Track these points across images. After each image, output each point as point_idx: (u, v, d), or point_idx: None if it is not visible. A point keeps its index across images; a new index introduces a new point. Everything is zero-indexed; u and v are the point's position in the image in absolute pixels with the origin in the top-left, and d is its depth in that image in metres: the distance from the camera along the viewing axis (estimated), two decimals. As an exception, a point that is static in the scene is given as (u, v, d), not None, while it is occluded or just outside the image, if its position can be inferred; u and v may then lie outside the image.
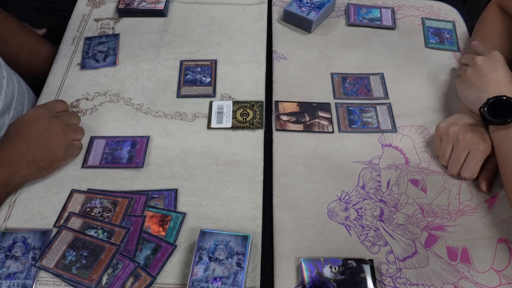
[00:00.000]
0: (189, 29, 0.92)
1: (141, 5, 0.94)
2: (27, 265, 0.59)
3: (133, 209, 0.65)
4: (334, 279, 0.58)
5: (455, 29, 0.92)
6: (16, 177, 0.64)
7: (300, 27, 0.92)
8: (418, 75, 0.84)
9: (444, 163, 0.70)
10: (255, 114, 0.77)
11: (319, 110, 0.78)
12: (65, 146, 0.68)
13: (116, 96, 0.80)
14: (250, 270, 0.60)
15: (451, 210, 0.66)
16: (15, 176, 0.64)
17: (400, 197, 0.68)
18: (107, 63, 0.85)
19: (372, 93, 0.81)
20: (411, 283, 0.59)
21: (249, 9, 0.96)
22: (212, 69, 0.84)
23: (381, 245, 0.63)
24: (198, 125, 0.76)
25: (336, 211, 0.66)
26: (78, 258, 0.60)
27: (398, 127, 0.76)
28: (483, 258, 0.61)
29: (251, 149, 0.73)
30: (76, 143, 0.71)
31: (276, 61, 0.86)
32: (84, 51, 0.87)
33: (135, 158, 0.71)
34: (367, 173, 0.70)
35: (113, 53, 0.86)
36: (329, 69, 0.85)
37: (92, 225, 0.63)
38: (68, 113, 0.73)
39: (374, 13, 0.95)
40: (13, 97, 0.75)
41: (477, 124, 0.68)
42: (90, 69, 0.84)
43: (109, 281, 0.58)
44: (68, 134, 0.69)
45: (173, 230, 0.63)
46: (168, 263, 0.61)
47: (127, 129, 0.75)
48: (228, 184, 0.69)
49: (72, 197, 0.67)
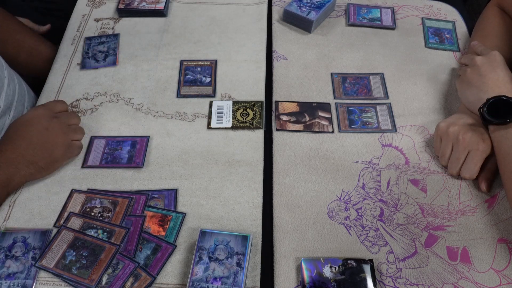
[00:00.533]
0: (189, 29, 0.92)
1: (141, 5, 0.94)
2: (27, 265, 0.59)
3: (133, 209, 0.65)
4: (334, 279, 0.58)
5: (455, 29, 0.92)
6: (16, 177, 0.64)
7: (300, 27, 0.92)
8: (418, 75, 0.84)
9: (444, 163, 0.70)
10: (255, 114, 0.77)
11: (319, 110, 0.78)
12: (65, 146, 0.68)
13: (116, 96, 0.80)
14: (250, 270, 0.60)
15: (451, 210, 0.66)
16: (15, 177, 0.64)
17: (400, 197, 0.68)
18: (107, 63, 0.85)
19: (372, 93, 0.81)
20: (411, 283, 0.59)
21: (249, 9, 0.96)
22: (212, 69, 0.84)
23: (381, 245, 0.63)
24: (198, 125, 0.76)
25: (336, 211, 0.66)
26: (78, 258, 0.60)
27: (398, 127, 0.76)
28: (483, 258, 0.61)
29: (251, 149, 0.73)
30: (76, 143, 0.71)
31: (276, 61, 0.86)
32: (84, 51, 0.87)
33: (135, 158, 0.71)
34: (367, 173, 0.70)
35: (113, 53, 0.86)
36: (329, 69, 0.85)
37: (92, 225, 0.63)
38: (68, 113, 0.73)
39: (374, 13, 0.95)
40: (13, 97, 0.75)
41: (477, 124, 0.68)
42: (90, 69, 0.84)
43: (109, 281, 0.58)
44: (68, 134, 0.69)
45: (173, 230, 0.63)
46: (168, 263, 0.61)
47: (127, 129, 0.75)
48: (228, 184, 0.69)
49: (72, 197, 0.67)
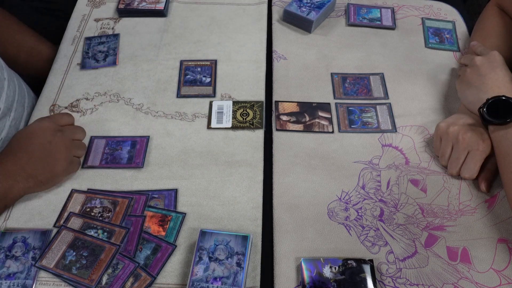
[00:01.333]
0: (189, 29, 0.92)
1: (141, 5, 0.94)
2: (27, 265, 0.59)
3: (133, 209, 0.65)
4: (334, 279, 0.58)
5: (455, 29, 0.92)
6: (14, 190, 0.62)
7: (300, 27, 0.92)
8: (418, 75, 0.84)
9: (444, 163, 0.70)
10: (255, 114, 0.77)
11: (319, 110, 0.78)
12: (67, 162, 0.66)
13: (116, 96, 0.80)
14: (250, 270, 0.60)
15: (451, 210, 0.66)
16: (13, 189, 0.62)
17: (400, 197, 0.68)
18: (107, 63, 0.85)
19: (372, 93, 0.81)
20: (411, 283, 0.59)
21: (249, 9, 0.96)
22: (212, 69, 0.84)
23: (381, 245, 0.63)
24: (198, 125, 0.76)
25: (336, 211, 0.66)
26: (78, 258, 0.60)
27: (398, 127, 0.76)
28: (483, 258, 0.61)
29: (251, 149, 0.73)
30: (76, 159, 0.69)
31: (276, 61, 0.86)
32: (84, 51, 0.87)
33: (135, 158, 0.71)
34: (367, 173, 0.70)
35: (113, 53, 0.86)
36: (329, 69, 0.85)
37: (92, 225, 0.63)
38: (73, 127, 0.72)
39: (374, 13, 0.95)
40: (14, 98, 0.75)
41: (477, 124, 0.68)
42: (90, 69, 0.84)
43: (109, 281, 0.58)
44: (70, 150, 0.67)
45: (173, 230, 0.63)
46: (168, 263, 0.61)
47: (127, 129, 0.75)
48: (228, 184, 0.69)
49: (72, 197, 0.67)
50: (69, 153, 0.67)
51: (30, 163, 0.63)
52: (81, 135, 0.72)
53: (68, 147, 0.67)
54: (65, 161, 0.66)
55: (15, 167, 0.62)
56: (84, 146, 0.71)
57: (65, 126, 0.71)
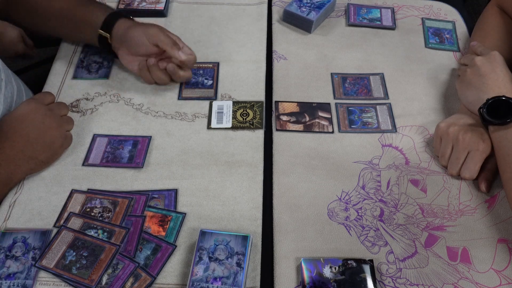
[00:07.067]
0: (189, 29, 0.92)
1: (141, 5, 0.94)
2: (27, 265, 0.59)
3: (133, 209, 0.65)
4: (334, 279, 0.58)
5: (455, 29, 0.92)
6: (17, 174, 0.65)
7: (300, 27, 0.92)
8: (418, 75, 0.84)
9: (444, 163, 0.70)
10: (255, 114, 0.77)
11: (319, 110, 0.78)
12: (62, 138, 0.70)
13: (116, 96, 0.80)
14: (250, 270, 0.60)
15: (451, 210, 0.66)
16: (16, 173, 0.65)
17: (400, 197, 0.68)
18: (99, 75, 0.83)
19: (372, 93, 0.81)
20: (411, 283, 0.59)
21: (249, 9, 0.96)
22: (215, 72, 0.84)
23: (381, 245, 0.63)
24: (198, 125, 0.76)
25: (336, 211, 0.66)
26: (78, 258, 0.60)
27: (398, 127, 0.76)
28: (483, 258, 0.61)
29: (251, 149, 0.73)
30: (69, 133, 0.72)
31: (276, 61, 0.86)
32: (80, 58, 0.86)
33: (136, 158, 0.71)
34: (367, 173, 0.70)
35: (108, 65, 0.84)
36: (329, 69, 0.85)
37: (92, 225, 0.63)
38: (57, 104, 0.74)
39: (374, 13, 0.95)
40: (12, 99, 0.75)
41: (477, 124, 0.68)
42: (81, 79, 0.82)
43: (109, 281, 0.58)
44: (62, 126, 0.71)
45: (173, 230, 0.63)
46: (168, 263, 0.61)
47: (127, 129, 0.75)
48: (228, 184, 0.69)
49: (72, 197, 0.67)
50: (62, 129, 0.70)
51: (28, 145, 0.65)
52: (66, 110, 0.75)
53: (60, 124, 0.70)
54: (60, 138, 0.69)
55: (14, 151, 0.64)
56: (72, 120, 0.74)
57: (50, 105, 0.73)
